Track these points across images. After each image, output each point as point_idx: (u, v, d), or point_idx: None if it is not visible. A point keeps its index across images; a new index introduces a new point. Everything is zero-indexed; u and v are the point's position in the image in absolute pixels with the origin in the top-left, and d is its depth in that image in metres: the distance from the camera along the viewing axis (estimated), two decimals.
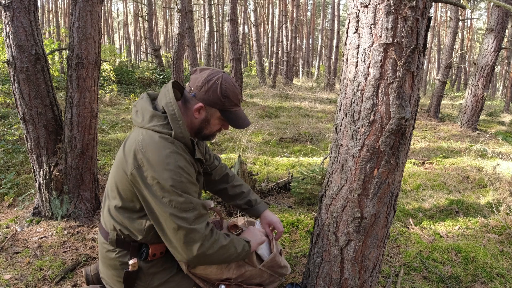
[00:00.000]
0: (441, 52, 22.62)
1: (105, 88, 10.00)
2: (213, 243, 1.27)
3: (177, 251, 1.27)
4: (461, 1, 8.02)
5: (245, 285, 1.56)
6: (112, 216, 1.39)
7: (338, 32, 16.89)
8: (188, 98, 1.36)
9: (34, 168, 2.75)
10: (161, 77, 12.52)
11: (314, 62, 28.99)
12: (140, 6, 26.72)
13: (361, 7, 1.32)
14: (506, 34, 8.35)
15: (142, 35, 28.68)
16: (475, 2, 27.29)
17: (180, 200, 1.22)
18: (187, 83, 1.39)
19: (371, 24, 1.29)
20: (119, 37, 41.42)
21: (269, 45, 24.94)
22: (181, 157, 1.27)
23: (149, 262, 1.40)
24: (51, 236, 2.56)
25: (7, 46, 2.52)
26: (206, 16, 14.09)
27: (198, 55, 24.58)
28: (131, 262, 1.36)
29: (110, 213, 1.39)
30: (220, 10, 25.59)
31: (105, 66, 10.23)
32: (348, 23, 1.41)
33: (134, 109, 1.41)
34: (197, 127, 1.39)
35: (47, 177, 2.71)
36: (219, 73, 1.34)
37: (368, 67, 1.32)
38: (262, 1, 27.68)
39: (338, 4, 17.48)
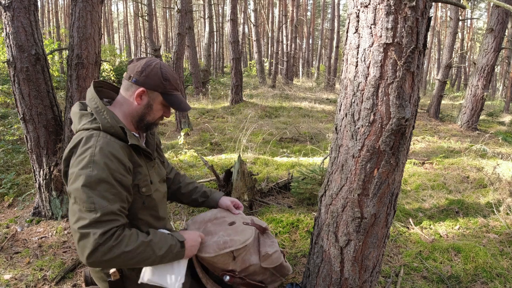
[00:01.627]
0: (441, 52, 22.62)
1: None
2: (110, 249, 1.15)
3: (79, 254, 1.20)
4: (461, 1, 8.02)
5: (248, 279, 1.55)
6: None
7: (338, 32, 16.89)
8: (128, 86, 1.34)
9: (34, 168, 2.75)
10: None
11: (314, 62, 28.99)
12: (140, 6, 26.72)
13: (361, 7, 1.32)
14: (506, 34, 8.35)
15: (142, 35, 28.68)
16: (475, 2, 27.28)
17: (83, 199, 1.15)
18: (125, 73, 1.37)
19: (371, 24, 1.29)
20: (119, 37, 41.42)
21: (269, 45, 24.94)
22: (104, 152, 1.21)
23: (133, 269, 1.37)
24: (51, 236, 2.56)
25: (7, 46, 2.53)
26: (206, 16, 14.09)
27: (198, 55, 24.57)
28: (111, 271, 1.34)
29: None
30: (220, 10, 25.59)
31: (105, 66, 10.23)
32: (348, 23, 1.41)
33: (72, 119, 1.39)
34: (140, 114, 1.36)
35: (47, 177, 2.71)
36: (157, 60, 1.37)
37: (368, 67, 1.32)
38: (262, 1, 27.67)
39: (338, 4, 17.48)
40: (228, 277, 1.50)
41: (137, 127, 1.40)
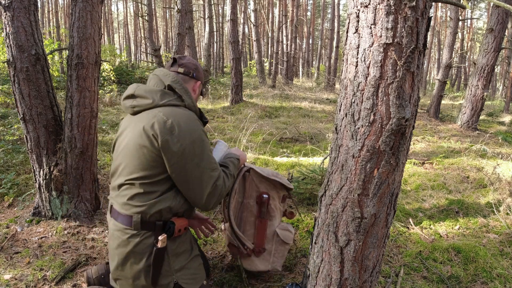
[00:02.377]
0: (441, 52, 22.63)
1: (105, 88, 10.01)
2: (225, 192, 1.55)
3: (199, 204, 1.51)
4: (461, 1, 8.02)
5: (269, 220, 1.91)
6: (135, 199, 1.44)
7: (338, 32, 16.89)
8: (187, 79, 1.62)
9: (34, 168, 2.75)
10: None
11: (314, 62, 28.98)
12: (140, 6, 26.71)
13: (361, 7, 1.32)
14: (506, 34, 8.35)
15: (142, 35, 28.68)
16: (475, 2, 27.28)
17: (208, 161, 1.46)
18: (180, 68, 1.62)
19: (371, 24, 1.29)
20: (119, 37, 41.40)
21: (269, 45, 24.94)
22: (200, 123, 1.52)
23: (174, 240, 1.49)
24: (51, 236, 2.56)
25: (7, 46, 2.52)
26: (206, 16, 14.08)
27: (198, 55, 24.57)
28: (160, 237, 1.43)
29: (132, 197, 1.45)
30: (220, 10, 25.59)
31: (105, 66, 10.23)
32: (348, 23, 1.41)
33: (130, 100, 1.54)
34: (195, 102, 1.63)
35: (47, 177, 2.71)
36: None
37: (368, 67, 1.32)
38: (262, 1, 27.67)
39: (338, 4, 17.48)
40: (266, 196, 1.86)
41: None
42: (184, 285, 1.51)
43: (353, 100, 1.39)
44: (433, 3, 2.17)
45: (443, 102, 11.39)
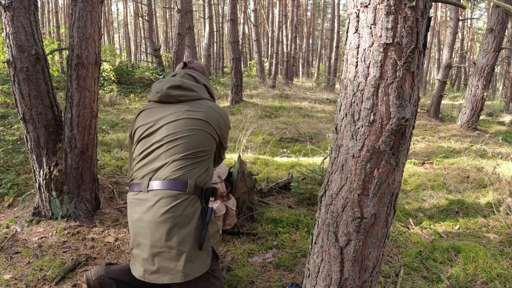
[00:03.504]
0: (441, 52, 22.61)
1: (105, 88, 10.00)
2: None
3: (224, 157, 1.99)
4: (461, 1, 8.02)
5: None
6: (189, 169, 1.65)
7: (338, 32, 16.88)
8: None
9: (34, 168, 2.75)
10: (161, 77, 12.51)
11: (314, 62, 28.98)
12: (140, 6, 26.71)
13: (361, 7, 1.32)
14: (506, 34, 8.35)
15: (142, 35, 28.67)
16: (475, 2, 27.28)
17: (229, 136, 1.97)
18: (195, 72, 1.91)
19: (371, 24, 1.29)
20: (119, 37, 41.39)
21: (269, 45, 24.93)
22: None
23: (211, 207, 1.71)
24: (51, 236, 2.56)
25: (7, 46, 2.52)
26: (206, 16, 14.08)
27: (198, 55, 24.56)
28: (211, 198, 1.67)
29: (186, 167, 1.64)
30: (220, 10, 25.58)
31: (105, 66, 10.23)
32: (348, 23, 1.41)
33: (175, 90, 1.74)
34: None
35: (47, 177, 2.71)
36: None
37: (368, 67, 1.32)
38: (262, 1, 27.66)
39: (338, 4, 17.48)
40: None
41: None
42: (215, 249, 1.70)
43: (353, 100, 1.39)
44: (433, 3, 2.17)
45: (443, 102, 11.39)
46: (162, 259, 1.53)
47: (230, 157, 4.52)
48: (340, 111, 1.49)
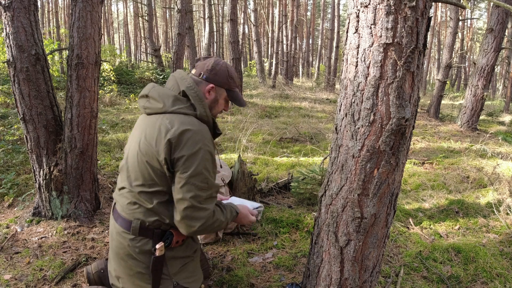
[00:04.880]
0: (441, 52, 22.61)
1: (105, 88, 10.00)
2: (214, 222, 1.39)
3: (181, 224, 1.36)
4: (461, 1, 8.02)
5: None
6: (135, 205, 1.43)
7: (338, 32, 16.88)
8: (198, 82, 1.50)
9: (34, 168, 2.75)
10: (161, 77, 12.51)
11: (314, 62, 28.99)
12: (140, 6, 26.71)
13: (361, 7, 1.32)
14: (506, 34, 8.35)
15: (142, 35, 28.66)
16: (475, 2, 27.27)
17: (200, 179, 1.33)
18: (194, 70, 1.54)
19: (371, 24, 1.29)
20: (119, 37, 41.39)
21: (269, 45, 24.93)
22: (207, 137, 1.38)
23: (171, 249, 1.47)
24: (51, 236, 2.56)
25: (7, 46, 2.52)
26: (206, 16, 14.08)
27: (198, 55, 24.56)
28: (158, 246, 1.40)
29: (134, 203, 1.43)
30: (220, 10, 25.58)
31: (105, 66, 10.23)
32: (348, 23, 1.41)
33: (144, 99, 1.50)
34: (208, 108, 1.50)
35: (47, 177, 2.71)
36: (222, 60, 1.57)
37: (368, 67, 1.32)
38: (262, 1, 27.67)
39: (338, 4, 17.47)
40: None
41: None
42: (187, 285, 1.50)
43: (353, 100, 1.39)
44: (433, 3, 2.17)
45: (443, 102, 11.39)
46: (123, 282, 1.50)
47: (230, 157, 4.52)
48: (340, 111, 1.49)
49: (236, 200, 1.83)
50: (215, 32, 20.48)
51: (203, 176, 1.33)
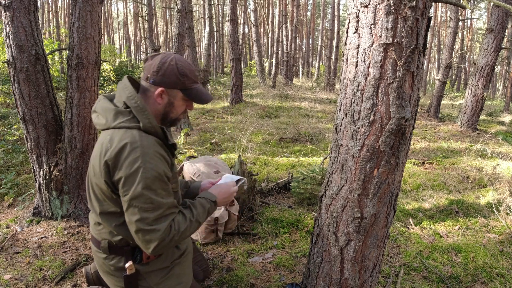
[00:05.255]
0: (441, 52, 22.61)
1: (105, 88, 10.00)
2: (173, 236, 1.26)
3: (140, 246, 1.28)
4: (461, 1, 8.02)
5: None
6: (100, 225, 1.39)
7: (338, 32, 16.88)
8: (146, 87, 1.34)
9: (34, 168, 2.75)
10: None
11: (314, 62, 28.99)
12: (140, 6, 26.71)
13: (361, 7, 1.32)
14: (506, 34, 8.35)
15: (142, 35, 28.67)
16: (475, 2, 27.27)
17: (143, 200, 1.21)
18: (142, 74, 1.36)
19: (371, 24, 1.29)
20: (119, 37, 41.39)
21: (269, 45, 24.93)
22: (149, 151, 1.23)
23: (146, 264, 1.40)
24: (51, 236, 2.56)
25: (7, 46, 2.52)
26: (206, 16, 14.08)
27: (198, 55, 24.56)
28: (127, 265, 1.36)
29: (98, 223, 1.40)
30: (220, 10, 25.58)
31: (105, 66, 10.23)
32: (348, 23, 1.41)
33: (94, 114, 1.37)
34: (162, 113, 1.37)
35: (47, 177, 2.71)
36: (171, 55, 1.34)
37: (368, 67, 1.32)
38: (262, 1, 27.66)
39: (338, 4, 17.47)
40: None
41: (162, 124, 1.41)
42: None
43: (353, 100, 1.39)
44: (433, 3, 2.17)
45: (443, 102, 11.39)
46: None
47: (230, 157, 4.52)
48: (340, 111, 1.49)
49: (224, 178, 1.69)
50: (215, 32, 20.48)
51: (145, 197, 1.20)
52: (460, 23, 12.60)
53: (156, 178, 1.23)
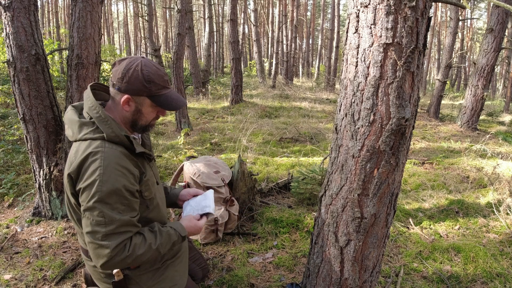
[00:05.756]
0: (441, 52, 22.61)
1: None
2: (125, 258, 1.21)
3: (92, 258, 1.25)
4: (461, 1, 8.02)
5: None
6: (83, 234, 1.34)
7: (338, 32, 16.88)
8: (113, 94, 1.30)
9: (34, 168, 2.75)
10: None
11: (314, 62, 28.99)
12: (140, 6, 26.71)
13: (361, 7, 1.32)
14: (506, 34, 8.35)
15: (142, 35, 28.66)
16: (475, 2, 27.28)
17: (96, 214, 1.17)
18: (110, 79, 1.31)
19: (371, 24, 1.29)
20: (119, 37, 41.40)
21: (269, 45, 24.93)
22: (109, 163, 1.20)
23: (133, 269, 1.38)
24: (51, 236, 2.56)
25: (7, 46, 2.52)
26: (206, 16, 14.09)
27: (198, 55, 24.57)
28: (114, 271, 1.34)
29: (81, 232, 1.36)
30: (220, 10, 25.59)
31: (105, 66, 10.23)
32: (348, 23, 1.41)
33: (66, 125, 1.34)
34: (131, 120, 1.32)
35: (47, 177, 2.71)
36: (138, 60, 1.28)
37: (368, 67, 1.32)
38: (262, 1, 27.67)
39: (338, 4, 17.47)
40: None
41: (132, 130, 1.37)
42: None
43: (353, 100, 1.39)
44: (433, 3, 2.17)
45: (443, 102, 11.39)
46: None
47: (230, 157, 4.52)
48: (340, 111, 1.49)
49: (195, 201, 1.60)
50: (215, 32, 20.49)
51: (97, 210, 1.16)
52: (460, 23, 12.60)
53: (112, 192, 1.18)
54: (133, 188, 1.24)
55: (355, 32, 1.36)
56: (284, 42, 17.81)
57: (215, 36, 21.80)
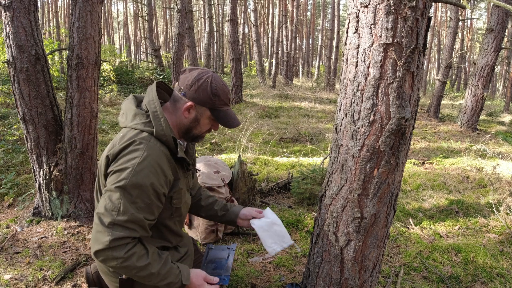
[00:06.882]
0: (441, 52, 22.60)
1: (105, 88, 10.00)
2: (116, 258, 1.16)
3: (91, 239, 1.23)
4: (461, 1, 8.02)
5: None
6: None
7: (338, 32, 16.88)
8: (177, 98, 1.34)
9: (34, 168, 2.75)
10: (161, 77, 12.51)
11: (314, 62, 28.99)
12: (140, 6, 26.71)
13: (361, 7, 1.32)
14: (506, 34, 8.35)
15: (142, 35, 28.66)
16: (475, 2, 27.28)
17: (113, 199, 1.17)
18: (177, 83, 1.37)
19: (371, 24, 1.29)
20: (119, 37, 41.40)
21: (269, 45, 24.93)
22: (149, 160, 1.20)
23: None
24: (51, 236, 2.56)
25: (7, 46, 2.52)
26: (206, 16, 14.09)
27: (198, 55, 24.57)
28: None
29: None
30: (220, 10, 25.60)
31: (105, 66, 10.23)
32: (348, 23, 1.41)
33: (121, 111, 1.39)
34: (186, 127, 1.36)
35: (47, 177, 2.71)
36: (209, 73, 1.34)
37: (368, 67, 1.32)
38: (262, 1, 27.67)
39: (338, 4, 17.48)
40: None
41: (183, 137, 1.40)
42: None
43: (353, 100, 1.39)
44: (433, 3, 2.17)
45: (443, 102, 11.39)
46: None
47: (230, 157, 4.52)
48: (340, 111, 1.49)
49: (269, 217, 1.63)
50: (215, 32, 20.49)
51: (117, 196, 1.16)
52: (460, 23, 12.60)
53: (138, 186, 1.17)
54: (161, 190, 1.24)
55: (355, 32, 1.36)
56: (284, 42, 17.82)
57: (215, 36, 21.81)
